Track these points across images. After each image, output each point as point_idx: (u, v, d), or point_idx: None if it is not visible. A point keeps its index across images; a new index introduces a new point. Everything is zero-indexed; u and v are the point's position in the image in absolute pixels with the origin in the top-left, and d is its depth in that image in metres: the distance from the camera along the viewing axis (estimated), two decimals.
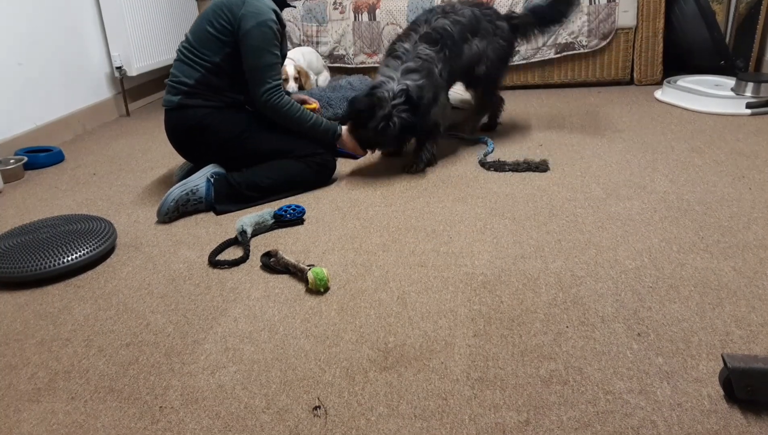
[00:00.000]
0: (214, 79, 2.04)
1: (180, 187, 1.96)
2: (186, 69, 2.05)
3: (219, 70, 2.03)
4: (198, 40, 2.04)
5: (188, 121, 2.05)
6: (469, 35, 2.30)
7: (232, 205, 2.01)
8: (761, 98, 2.61)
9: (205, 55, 2.03)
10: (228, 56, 2.03)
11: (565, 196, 1.91)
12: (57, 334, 1.39)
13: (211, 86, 2.04)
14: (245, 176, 2.03)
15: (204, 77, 2.03)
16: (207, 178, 2.00)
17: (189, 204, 1.98)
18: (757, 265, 1.44)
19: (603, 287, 1.39)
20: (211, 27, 2.02)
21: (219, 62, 2.03)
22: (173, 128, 2.11)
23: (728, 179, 1.95)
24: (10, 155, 2.63)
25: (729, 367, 1.01)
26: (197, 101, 2.04)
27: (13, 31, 2.74)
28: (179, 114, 2.06)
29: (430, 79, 2.14)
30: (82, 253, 1.66)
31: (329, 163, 2.13)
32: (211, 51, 2.02)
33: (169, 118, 2.10)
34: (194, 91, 2.04)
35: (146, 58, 3.44)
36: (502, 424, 1.02)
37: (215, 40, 2.02)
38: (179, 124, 2.08)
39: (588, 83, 3.36)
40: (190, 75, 2.04)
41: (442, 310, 1.35)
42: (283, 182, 2.06)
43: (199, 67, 2.03)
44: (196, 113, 2.04)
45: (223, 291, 1.51)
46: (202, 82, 2.03)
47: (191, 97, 2.04)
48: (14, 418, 1.12)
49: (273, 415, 1.08)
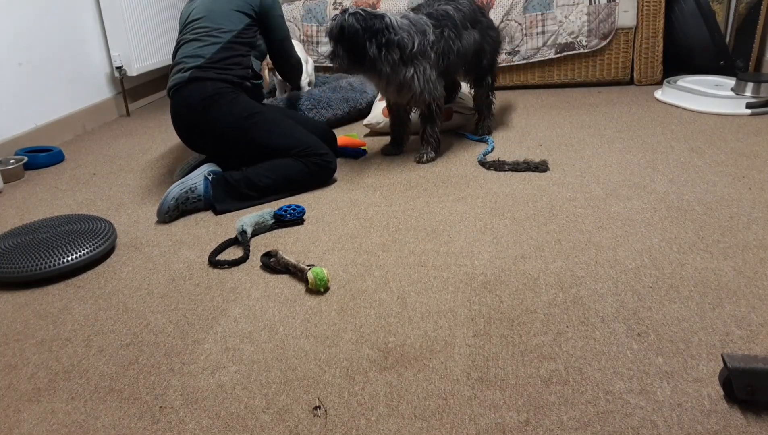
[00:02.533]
0: (229, 52, 2.10)
1: (179, 186, 1.95)
2: (199, 45, 2.10)
3: (238, 38, 2.12)
4: (216, 18, 2.12)
5: (201, 93, 2.03)
6: (469, 24, 2.35)
7: (231, 203, 2.00)
8: (761, 98, 2.61)
9: (224, 27, 2.11)
10: (248, 27, 2.15)
11: (565, 196, 1.91)
12: (57, 334, 1.39)
13: (226, 60, 2.08)
14: (244, 175, 2.02)
15: (220, 50, 2.08)
16: (204, 177, 2.00)
17: (189, 202, 1.98)
18: (757, 265, 1.44)
19: (603, 287, 1.39)
20: (231, 4, 2.14)
21: (241, 30, 2.13)
22: (184, 104, 2.06)
23: (728, 179, 1.95)
24: (10, 155, 2.63)
25: (729, 367, 1.01)
26: (210, 73, 2.05)
27: (13, 32, 2.74)
28: (191, 88, 2.04)
29: (420, 37, 2.15)
30: (82, 253, 1.66)
31: (329, 164, 2.12)
32: (232, 23, 2.12)
33: (179, 98, 2.08)
34: (208, 65, 2.06)
35: (146, 58, 3.45)
36: (502, 424, 1.02)
37: (235, 14, 2.13)
38: (190, 98, 2.04)
39: (588, 83, 3.36)
40: (205, 49, 2.09)
41: (442, 310, 1.35)
42: (281, 182, 2.05)
43: (216, 40, 2.09)
44: (208, 87, 2.04)
45: (223, 291, 1.51)
46: (217, 55, 2.08)
47: (204, 70, 2.06)
48: (14, 418, 1.13)
49: (273, 415, 1.08)
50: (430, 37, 2.18)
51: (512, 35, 3.26)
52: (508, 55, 3.31)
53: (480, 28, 2.40)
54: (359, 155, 2.47)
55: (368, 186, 2.14)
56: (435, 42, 2.20)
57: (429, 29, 2.18)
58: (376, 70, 2.11)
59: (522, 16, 3.23)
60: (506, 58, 3.31)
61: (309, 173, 2.08)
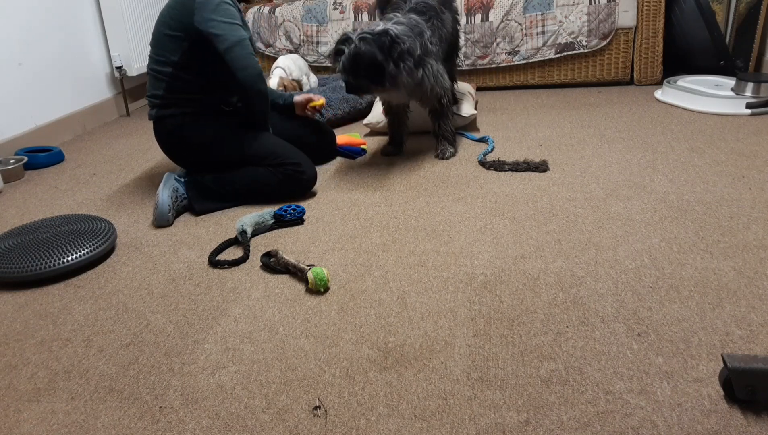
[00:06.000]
0: (180, 83, 2.02)
1: (165, 191, 1.95)
2: (154, 81, 2.06)
3: (181, 69, 2.00)
4: (156, 47, 2.04)
5: (166, 129, 2.07)
6: (443, 8, 2.39)
7: (209, 202, 2.02)
8: (761, 98, 2.61)
9: (164, 59, 2.01)
10: (186, 52, 1.98)
11: (565, 196, 1.91)
12: (57, 334, 1.39)
13: (180, 91, 2.03)
14: (215, 175, 2.05)
15: (170, 85, 2.02)
16: (175, 179, 2.01)
17: (178, 201, 1.99)
18: (757, 265, 1.44)
19: (603, 287, 1.39)
20: (167, 28, 1.99)
21: (178, 61, 1.99)
22: (158, 139, 2.14)
23: (728, 179, 1.95)
24: (10, 155, 2.63)
25: (729, 367, 1.01)
26: (171, 110, 2.05)
27: (13, 32, 2.74)
28: (158, 125, 2.09)
29: (420, 38, 2.15)
30: (82, 253, 1.66)
31: (301, 175, 2.03)
32: (169, 51, 2.00)
33: (154, 130, 2.13)
34: (166, 101, 2.04)
35: (146, 58, 3.44)
36: (502, 424, 1.02)
37: (171, 39, 1.98)
38: (160, 134, 2.10)
39: (588, 83, 3.36)
40: (158, 86, 2.04)
41: (442, 310, 1.35)
42: (251, 184, 2.03)
43: (163, 76, 2.02)
44: (172, 122, 2.05)
45: (223, 291, 1.51)
46: (169, 89, 2.03)
47: (165, 107, 2.05)
48: (14, 418, 1.12)
49: (273, 415, 1.08)
50: (427, 33, 2.20)
51: (512, 35, 3.26)
52: (508, 55, 3.31)
53: (449, 9, 2.47)
54: (359, 154, 2.47)
55: (368, 186, 2.14)
56: (431, 35, 2.23)
57: (424, 26, 2.19)
58: (397, 84, 2.08)
59: (522, 16, 3.23)
60: (506, 58, 3.31)
61: (279, 182, 2.03)
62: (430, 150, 2.46)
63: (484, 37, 3.29)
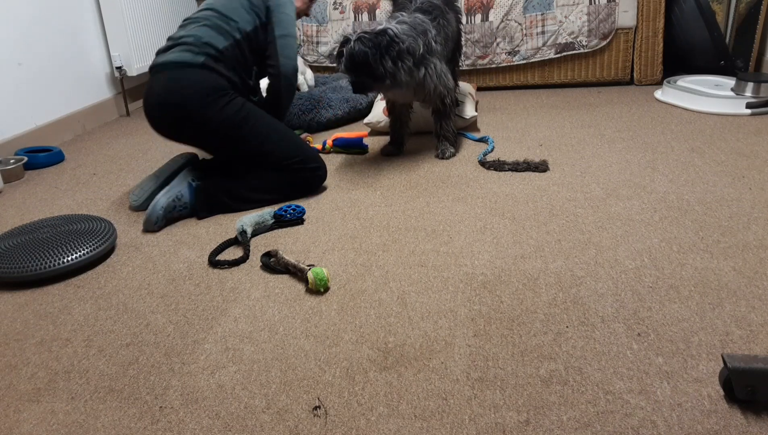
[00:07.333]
0: (238, 52, 2.04)
1: (165, 195, 1.90)
2: (214, 34, 2.00)
3: (248, 42, 2.06)
4: (229, 10, 2.06)
5: (208, 84, 1.92)
6: (447, 8, 2.40)
7: (215, 211, 1.99)
8: (761, 98, 2.61)
9: (237, 24, 2.04)
10: (257, 28, 2.08)
11: (565, 196, 1.91)
12: (57, 334, 1.39)
13: (236, 58, 2.04)
14: (228, 186, 1.98)
15: (233, 47, 2.02)
16: (189, 183, 1.97)
17: (175, 211, 1.92)
18: (757, 265, 1.44)
19: (603, 287, 1.39)
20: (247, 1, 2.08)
21: (250, 32, 2.06)
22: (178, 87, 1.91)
23: (728, 179, 1.95)
24: (10, 155, 2.63)
25: (729, 367, 1.01)
26: (221, 67, 1.98)
27: (13, 32, 2.74)
28: (198, 74, 1.93)
29: (423, 37, 2.16)
30: (82, 253, 1.66)
31: (320, 179, 2.07)
32: (244, 20, 2.06)
33: (174, 79, 1.93)
34: (223, 57, 1.99)
35: (146, 58, 3.45)
36: (502, 424, 1.02)
37: (248, 12, 2.07)
38: (192, 87, 1.90)
39: (588, 83, 3.36)
40: (219, 41, 2.00)
41: (442, 310, 1.35)
42: (266, 197, 2.01)
43: (229, 36, 2.02)
44: (219, 81, 1.95)
45: (223, 291, 1.51)
46: (230, 50, 2.01)
47: (218, 61, 1.98)
48: (14, 418, 1.13)
49: (273, 415, 1.08)
50: (432, 32, 2.21)
51: (512, 35, 3.26)
52: (508, 55, 3.31)
53: (452, 9, 2.48)
54: (359, 147, 2.47)
55: (368, 186, 2.14)
56: (437, 34, 2.24)
57: (429, 25, 2.20)
58: (397, 82, 2.11)
59: (522, 16, 3.23)
60: (506, 58, 3.31)
61: (297, 189, 2.04)
62: (431, 150, 2.46)
63: (484, 37, 3.29)
